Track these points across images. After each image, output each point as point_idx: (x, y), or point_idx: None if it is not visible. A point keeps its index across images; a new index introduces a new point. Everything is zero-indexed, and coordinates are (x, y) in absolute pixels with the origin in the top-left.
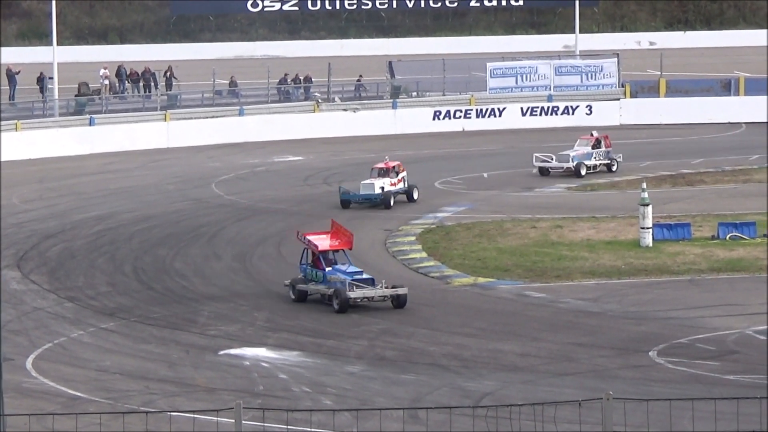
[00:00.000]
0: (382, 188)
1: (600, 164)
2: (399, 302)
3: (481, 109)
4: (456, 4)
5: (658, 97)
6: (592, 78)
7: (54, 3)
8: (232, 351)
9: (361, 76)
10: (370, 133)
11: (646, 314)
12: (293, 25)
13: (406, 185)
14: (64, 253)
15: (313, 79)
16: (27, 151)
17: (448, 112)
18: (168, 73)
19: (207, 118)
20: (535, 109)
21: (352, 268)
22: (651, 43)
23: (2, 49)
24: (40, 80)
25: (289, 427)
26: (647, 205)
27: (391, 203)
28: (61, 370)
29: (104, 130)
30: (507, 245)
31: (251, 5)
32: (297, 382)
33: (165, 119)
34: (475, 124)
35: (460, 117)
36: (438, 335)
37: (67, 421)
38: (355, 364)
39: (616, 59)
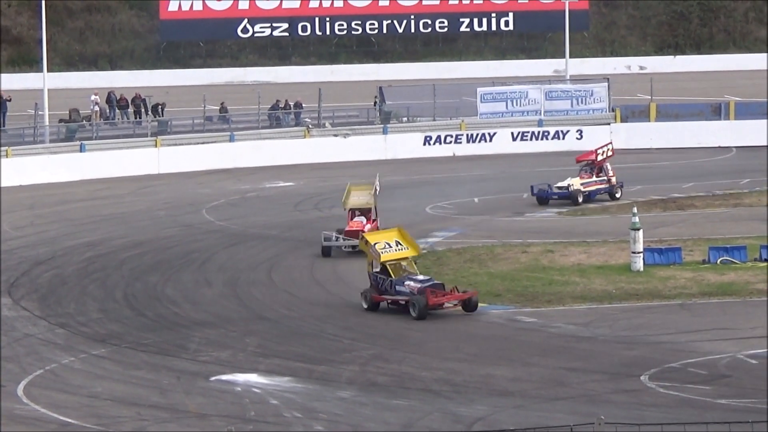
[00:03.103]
0: None
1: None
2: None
3: (472, 134)
4: (446, 29)
5: (649, 121)
6: (582, 103)
7: (44, 29)
8: (224, 377)
9: (375, 97)
10: (361, 159)
11: (638, 338)
12: (283, 51)
13: None
14: (54, 279)
15: (303, 105)
16: (17, 177)
17: (439, 137)
18: (160, 108)
19: (198, 144)
20: (525, 134)
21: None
22: (641, 68)
23: None
24: (0, 102)
25: None
26: (638, 229)
27: None
28: (53, 396)
29: (95, 156)
30: (498, 270)
31: (241, 31)
32: (288, 408)
33: (156, 145)
34: (465, 149)
35: (450, 142)
36: (429, 360)
37: None
38: (346, 390)
39: (606, 84)
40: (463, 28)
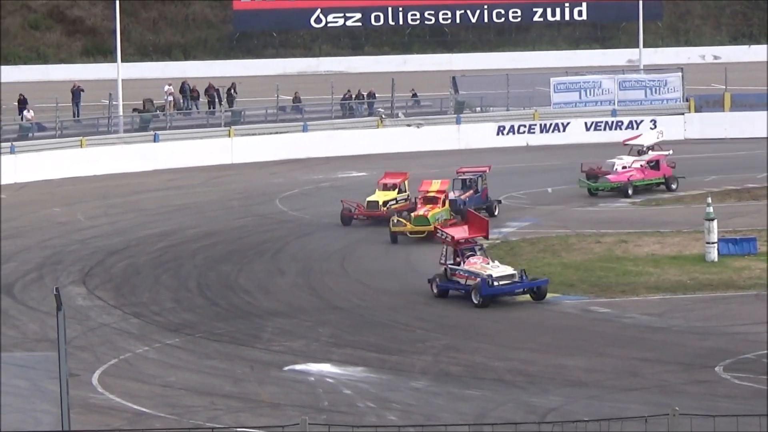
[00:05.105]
0: None
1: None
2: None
3: (545, 124)
4: (519, 18)
5: (723, 111)
6: (656, 92)
7: (118, 20)
8: (297, 366)
9: (412, 89)
10: (434, 149)
11: (712, 329)
12: (356, 41)
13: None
14: (128, 269)
15: (376, 95)
16: (91, 167)
17: (512, 127)
18: (231, 90)
19: (271, 134)
20: (599, 124)
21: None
22: (715, 57)
23: (67, 66)
24: (74, 92)
25: None
26: (712, 219)
27: None
28: (127, 385)
29: (168, 146)
30: (571, 260)
31: (314, 21)
32: (362, 398)
33: (229, 135)
34: (539, 138)
35: (524, 132)
36: (503, 350)
37: None
38: (419, 380)
39: (680, 73)
40: (536, 18)
